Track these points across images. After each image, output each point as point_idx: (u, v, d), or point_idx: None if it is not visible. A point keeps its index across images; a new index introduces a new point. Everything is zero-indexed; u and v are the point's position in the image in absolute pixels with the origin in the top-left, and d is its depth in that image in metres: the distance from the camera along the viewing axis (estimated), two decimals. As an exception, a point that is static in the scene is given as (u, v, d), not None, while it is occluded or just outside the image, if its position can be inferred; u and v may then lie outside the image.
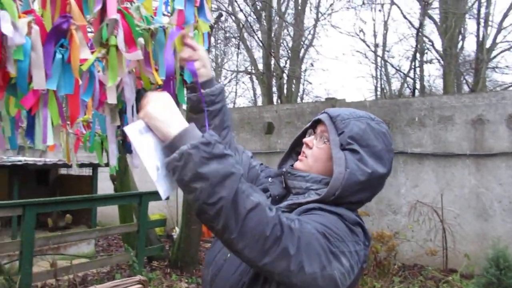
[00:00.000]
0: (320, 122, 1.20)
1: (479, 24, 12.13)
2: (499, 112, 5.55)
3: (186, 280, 5.45)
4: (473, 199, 5.69)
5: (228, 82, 17.55)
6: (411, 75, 13.48)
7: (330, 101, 6.89)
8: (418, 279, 5.23)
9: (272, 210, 0.91)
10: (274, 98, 13.21)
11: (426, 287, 5.03)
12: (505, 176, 5.50)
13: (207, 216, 0.89)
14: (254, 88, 17.75)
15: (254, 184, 1.37)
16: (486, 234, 5.55)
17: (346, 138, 1.09)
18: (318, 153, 1.16)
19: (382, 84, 15.86)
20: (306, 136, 1.24)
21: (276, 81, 13.15)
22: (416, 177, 6.07)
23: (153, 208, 6.68)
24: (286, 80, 13.79)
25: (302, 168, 1.18)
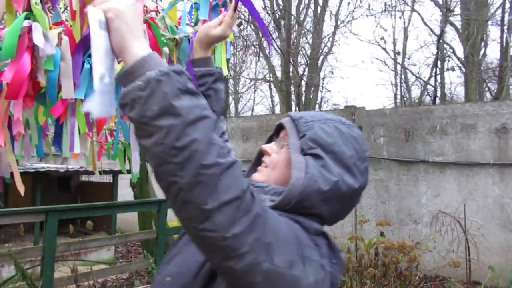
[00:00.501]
0: (283, 127, 1.03)
1: (502, 31, 11.92)
2: (524, 121, 5.43)
3: None
4: (497, 209, 5.55)
5: (246, 90, 17.65)
6: (431, 83, 13.32)
7: (349, 109, 6.84)
8: (441, 291, 5.11)
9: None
10: (293, 106, 13.20)
11: (449, 300, 4.91)
12: (530, 186, 5.36)
13: (170, 167, 0.70)
14: (272, 96, 17.80)
15: None
16: (511, 245, 5.40)
17: (307, 141, 0.94)
18: (276, 159, 1.00)
19: (402, 92, 15.70)
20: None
21: (294, 88, 13.15)
22: (437, 186, 5.97)
23: (172, 215, 6.71)
24: (304, 88, 13.77)
25: (261, 179, 1.00)
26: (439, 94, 13.30)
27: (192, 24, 1.67)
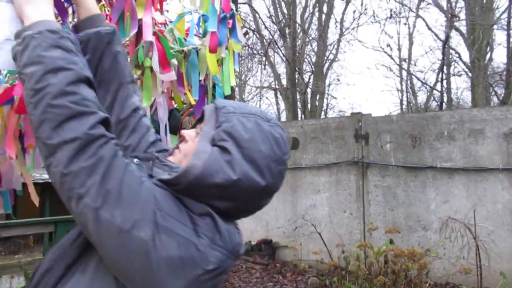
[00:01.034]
0: None
1: (509, 35, 11.88)
2: (532, 125, 5.39)
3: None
4: (507, 215, 5.49)
5: (252, 98, 17.70)
6: (437, 88, 13.28)
7: (355, 115, 6.84)
8: (452, 298, 5.06)
9: (99, 128, 0.82)
10: (299, 113, 13.22)
11: (460, 307, 4.85)
12: (541, 191, 5.31)
13: (29, 108, 0.81)
14: (278, 104, 17.83)
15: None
16: (522, 251, 5.34)
17: (221, 132, 0.89)
18: (188, 148, 0.96)
19: (408, 98, 15.67)
20: None
21: (300, 96, 13.17)
22: (446, 192, 5.92)
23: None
24: (310, 95, 13.79)
25: (173, 162, 0.97)
26: (445, 99, 13.25)
27: (200, 35, 1.69)
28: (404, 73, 14.94)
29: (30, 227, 4.33)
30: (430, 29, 16.40)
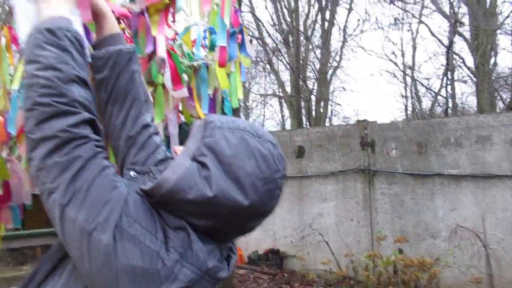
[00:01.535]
0: None
1: (513, 40, 11.85)
2: (540, 131, 5.34)
3: (221, 308, 5.39)
4: (517, 222, 5.43)
5: (256, 106, 17.72)
6: (442, 94, 13.23)
7: (361, 123, 6.81)
8: (462, 308, 4.99)
9: (84, 128, 0.85)
10: (303, 120, 13.21)
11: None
12: (550, 197, 5.25)
13: (27, 103, 0.86)
14: (282, 111, 17.83)
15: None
16: (533, 259, 5.27)
17: (202, 147, 0.86)
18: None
19: (413, 103, 15.62)
20: None
21: (304, 103, 13.17)
22: (454, 199, 5.87)
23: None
24: (314, 102, 13.78)
25: None
26: (450, 105, 13.20)
27: (207, 48, 1.68)
28: (409, 79, 14.92)
29: (37, 238, 4.32)
30: (433, 35, 16.39)
